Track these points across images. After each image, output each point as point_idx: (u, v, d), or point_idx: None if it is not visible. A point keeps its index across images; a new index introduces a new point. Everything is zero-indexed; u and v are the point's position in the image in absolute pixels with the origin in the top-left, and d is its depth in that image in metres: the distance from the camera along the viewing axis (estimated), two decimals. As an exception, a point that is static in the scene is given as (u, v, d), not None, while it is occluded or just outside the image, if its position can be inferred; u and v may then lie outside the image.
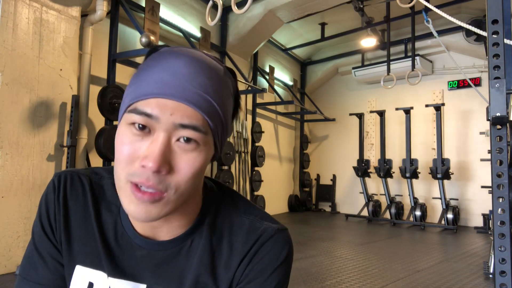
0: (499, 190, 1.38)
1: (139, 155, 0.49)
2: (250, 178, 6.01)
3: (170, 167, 0.49)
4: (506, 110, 1.30)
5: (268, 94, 6.59)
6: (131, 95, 0.51)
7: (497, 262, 1.37)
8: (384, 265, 3.44)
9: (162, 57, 0.52)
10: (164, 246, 0.59)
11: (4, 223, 2.79)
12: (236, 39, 5.45)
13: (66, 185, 0.61)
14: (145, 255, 0.59)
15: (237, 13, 2.98)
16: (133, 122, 0.50)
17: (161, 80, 0.49)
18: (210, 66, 0.53)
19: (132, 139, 0.50)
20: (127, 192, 0.50)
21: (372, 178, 6.94)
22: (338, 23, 6.61)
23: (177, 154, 0.50)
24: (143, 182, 0.48)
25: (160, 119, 0.48)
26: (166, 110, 0.48)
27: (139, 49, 3.68)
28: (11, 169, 2.83)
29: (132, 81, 0.53)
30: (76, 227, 0.60)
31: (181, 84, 0.49)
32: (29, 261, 0.61)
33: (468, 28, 1.82)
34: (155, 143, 0.48)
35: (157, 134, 0.49)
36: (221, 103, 0.53)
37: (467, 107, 6.29)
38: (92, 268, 0.59)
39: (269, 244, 0.59)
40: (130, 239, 0.60)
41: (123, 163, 0.50)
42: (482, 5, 5.33)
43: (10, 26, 2.84)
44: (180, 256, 0.59)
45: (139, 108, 0.49)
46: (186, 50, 0.54)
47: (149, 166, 0.47)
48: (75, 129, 3.28)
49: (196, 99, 0.49)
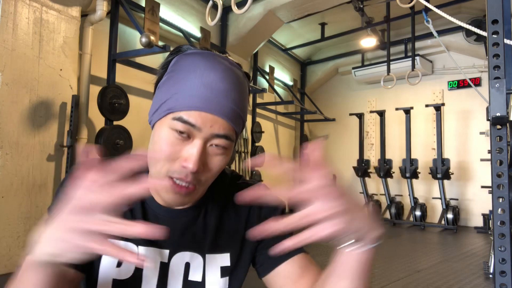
0: (499, 190, 1.38)
1: (179, 156, 0.59)
2: (250, 178, 6.00)
3: (203, 166, 0.61)
4: (506, 110, 1.29)
5: (268, 94, 6.59)
6: (173, 103, 0.60)
7: (497, 262, 1.37)
8: (384, 265, 3.44)
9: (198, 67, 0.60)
10: (185, 212, 0.69)
11: (4, 223, 2.78)
12: (236, 39, 5.45)
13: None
14: (168, 224, 0.66)
15: (237, 13, 2.98)
16: (176, 128, 0.59)
17: (203, 95, 0.59)
18: (238, 77, 0.63)
19: (174, 142, 0.59)
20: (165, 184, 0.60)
21: (372, 178, 6.94)
22: (338, 23, 6.60)
23: (210, 156, 0.61)
24: (182, 178, 0.59)
25: (202, 129, 0.59)
26: (207, 123, 0.59)
27: (139, 49, 3.68)
28: (11, 169, 2.83)
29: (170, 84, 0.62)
30: None
31: (218, 101, 0.59)
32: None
33: (468, 28, 1.82)
34: (195, 148, 0.59)
35: (196, 140, 0.59)
36: (244, 111, 0.65)
37: (467, 107, 6.29)
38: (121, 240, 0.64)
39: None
40: (154, 211, 0.68)
41: (164, 160, 0.60)
42: (482, 5, 5.33)
43: (10, 26, 2.84)
44: (199, 220, 0.70)
45: (184, 117, 0.59)
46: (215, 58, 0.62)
47: (189, 167, 0.58)
48: (75, 129, 3.28)
49: (230, 113, 0.60)
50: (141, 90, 4.32)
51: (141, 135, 4.13)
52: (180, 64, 0.62)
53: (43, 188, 3.05)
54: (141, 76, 4.23)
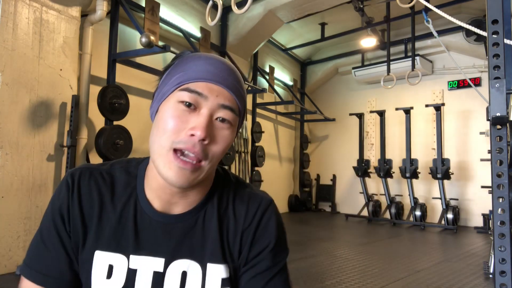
0: (499, 190, 1.38)
1: (185, 127, 0.59)
2: (250, 178, 6.01)
3: (211, 138, 0.60)
4: (506, 110, 1.29)
5: (268, 94, 6.59)
6: (180, 78, 0.62)
7: (497, 262, 1.37)
8: (384, 265, 3.44)
9: (202, 56, 0.64)
10: (182, 218, 0.66)
11: (4, 223, 2.78)
12: (236, 39, 5.45)
13: (80, 180, 0.66)
14: (164, 230, 0.65)
15: (237, 13, 2.98)
16: (183, 100, 0.60)
17: (208, 70, 0.62)
18: (233, 67, 0.67)
19: (181, 114, 0.59)
20: (169, 158, 0.59)
21: (372, 178, 6.94)
22: (338, 23, 6.61)
23: (216, 129, 0.61)
24: (189, 148, 0.58)
25: (208, 98, 0.60)
26: (213, 92, 0.61)
27: (139, 49, 3.68)
28: (11, 169, 2.83)
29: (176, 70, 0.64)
30: (93, 218, 0.65)
31: (223, 75, 0.62)
32: (35, 252, 0.65)
33: (468, 28, 1.82)
34: (202, 117, 0.59)
35: (203, 110, 0.60)
36: (244, 94, 0.67)
37: (467, 107, 6.29)
38: (110, 251, 0.64)
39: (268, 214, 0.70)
40: (149, 217, 0.66)
41: (170, 132, 0.59)
42: (482, 5, 5.33)
43: (10, 26, 2.84)
44: (197, 226, 0.67)
45: (191, 87, 0.60)
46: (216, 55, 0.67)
47: (197, 134, 0.57)
48: (75, 129, 3.28)
49: (234, 87, 0.63)
50: (141, 90, 4.32)
51: (141, 135, 4.13)
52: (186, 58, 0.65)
53: (43, 188, 3.05)
54: (141, 76, 4.23)
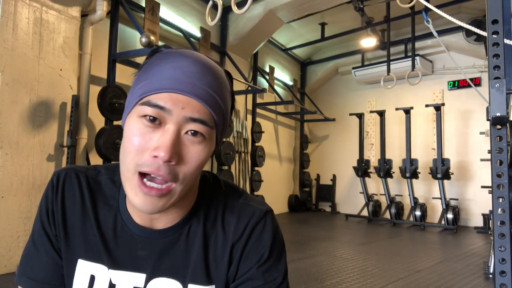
0: (499, 190, 1.38)
1: (149, 146, 0.51)
2: (250, 178, 6.01)
3: (179, 158, 0.52)
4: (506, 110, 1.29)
5: (268, 94, 6.59)
6: (142, 89, 0.53)
7: (497, 262, 1.37)
8: (384, 265, 3.44)
9: (170, 56, 0.55)
10: (164, 233, 0.61)
11: (4, 223, 2.78)
12: (236, 39, 5.45)
13: (65, 183, 0.63)
14: (145, 245, 0.61)
15: (237, 13, 2.98)
16: (145, 114, 0.52)
17: (173, 76, 0.52)
18: (214, 67, 0.57)
19: (143, 131, 0.52)
20: (134, 183, 0.52)
21: (372, 178, 6.94)
22: (338, 23, 6.61)
23: (186, 146, 0.53)
24: (154, 171, 0.51)
25: (172, 112, 0.51)
26: (178, 104, 0.51)
27: (139, 49, 3.68)
28: (11, 169, 2.83)
29: (141, 77, 0.55)
30: (75, 223, 0.62)
31: (191, 81, 0.52)
32: (27, 258, 0.63)
33: (468, 28, 1.82)
34: (166, 135, 0.51)
35: (168, 126, 0.52)
36: (223, 100, 0.56)
37: (467, 107, 6.29)
38: (93, 261, 0.61)
39: (260, 227, 0.62)
40: (130, 231, 0.61)
41: (133, 153, 0.52)
42: (482, 5, 5.33)
43: (10, 26, 2.84)
44: (179, 242, 0.61)
45: (152, 101, 0.52)
46: (190, 51, 0.57)
47: (161, 156, 0.50)
48: (75, 129, 3.28)
49: (204, 95, 0.53)
50: (141, 90, 4.31)
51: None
52: (153, 60, 0.57)
53: (43, 188, 3.04)
54: (141, 76, 4.22)
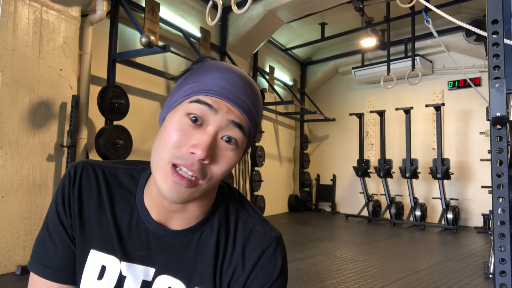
0: (499, 190, 1.38)
1: (187, 142, 0.55)
2: (250, 178, 6.01)
3: (212, 158, 0.56)
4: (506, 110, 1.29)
5: (268, 94, 6.59)
6: (192, 89, 0.58)
7: (497, 262, 1.37)
8: (384, 265, 3.44)
9: (219, 67, 0.61)
10: (177, 235, 0.64)
11: (4, 223, 2.78)
12: (236, 39, 5.45)
13: (82, 175, 0.66)
14: (158, 242, 0.64)
15: (237, 13, 2.98)
16: (190, 112, 0.56)
17: (221, 85, 0.58)
18: (254, 85, 0.63)
19: (185, 127, 0.56)
20: (166, 171, 0.56)
21: (372, 178, 6.94)
22: (338, 23, 6.61)
23: (220, 149, 0.57)
24: (188, 165, 0.55)
25: (218, 112, 0.56)
26: (223, 108, 0.57)
27: (139, 49, 3.68)
28: (11, 169, 2.83)
29: (190, 79, 0.60)
30: (90, 214, 0.65)
31: (236, 93, 0.58)
32: (41, 245, 0.65)
33: (468, 28, 1.82)
34: (206, 135, 0.55)
35: (209, 128, 0.56)
36: (258, 115, 0.62)
37: (467, 107, 6.29)
38: (105, 252, 0.63)
39: (269, 252, 0.65)
40: (144, 225, 0.64)
41: (170, 145, 0.56)
42: (482, 5, 5.33)
43: (10, 26, 2.84)
44: (191, 246, 0.64)
45: (201, 99, 0.57)
46: (235, 66, 0.63)
47: (197, 154, 0.54)
48: (75, 129, 3.28)
49: (245, 107, 0.59)
50: (141, 90, 4.32)
51: (141, 135, 4.13)
52: (200, 67, 0.62)
53: (43, 188, 3.05)
54: (141, 76, 4.23)
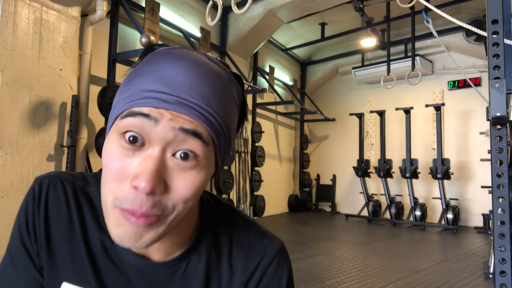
0: (499, 190, 1.38)
1: (129, 174, 0.42)
2: (250, 178, 6.01)
3: (165, 186, 0.43)
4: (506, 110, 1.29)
5: (268, 94, 6.59)
6: (125, 101, 0.44)
7: (497, 262, 1.37)
8: (384, 265, 3.44)
9: (158, 61, 0.45)
10: (158, 268, 0.53)
11: (4, 223, 2.78)
12: (236, 39, 5.45)
13: (49, 192, 0.53)
14: (137, 274, 0.53)
15: (237, 13, 2.98)
16: (125, 130, 0.43)
17: (156, 89, 0.42)
18: (213, 73, 0.46)
19: (122, 154, 0.43)
20: (115, 216, 0.43)
21: (372, 178, 6.94)
22: (338, 23, 6.61)
23: (174, 172, 0.43)
24: (136, 208, 0.41)
25: (159, 121, 0.41)
26: (166, 114, 0.42)
27: (139, 49, 3.68)
28: (11, 169, 2.83)
29: (124, 88, 0.46)
30: (60, 240, 0.53)
31: (178, 95, 0.42)
32: (2, 277, 0.54)
33: (468, 28, 1.82)
34: (149, 159, 0.42)
35: (151, 148, 0.42)
36: (225, 116, 0.46)
37: (467, 107, 6.29)
38: (80, 286, 0.53)
39: (272, 269, 0.56)
40: (120, 255, 0.53)
41: (110, 183, 0.43)
42: (482, 5, 5.33)
43: (10, 26, 2.84)
44: (175, 278, 0.54)
45: (134, 110, 0.42)
46: (186, 52, 0.47)
47: (141, 187, 0.40)
48: (75, 129, 3.28)
49: (195, 109, 0.43)
50: (141, 90, 4.32)
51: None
52: (142, 63, 0.47)
53: (43, 188, 3.05)
54: (141, 76, 4.23)
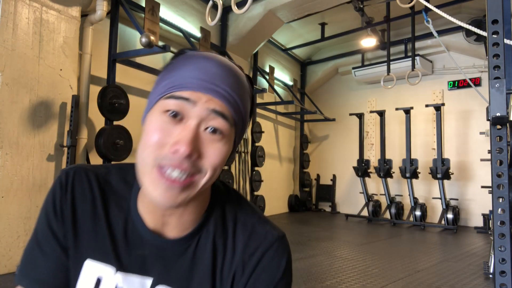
0: (499, 190, 1.38)
1: (169, 141, 0.52)
2: (250, 178, 6.01)
3: (199, 154, 0.52)
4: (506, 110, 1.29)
5: (268, 94, 6.59)
6: (166, 86, 0.55)
7: (497, 262, 1.37)
8: (384, 265, 3.44)
9: (194, 58, 0.57)
10: (172, 244, 0.61)
11: (4, 223, 2.78)
12: (236, 39, 5.45)
13: (75, 181, 0.62)
14: (153, 251, 0.61)
15: (237, 13, 2.98)
16: (168, 109, 0.53)
17: (197, 77, 0.54)
18: (236, 70, 0.58)
19: (164, 126, 0.53)
20: (153, 177, 0.52)
21: (372, 178, 6.94)
22: (338, 23, 6.61)
23: (205, 142, 0.53)
24: (175, 165, 0.51)
25: (196, 103, 0.52)
26: (201, 98, 0.53)
27: (139, 49, 3.68)
28: (11, 169, 2.83)
29: (165, 76, 0.57)
30: (85, 222, 0.61)
31: (213, 82, 0.54)
32: (30, 257, 0.61)
33: (468, 28, 1.82)
34: (187, 129, 0.52)
35: (189, 121, 0.53)
36: (243, 102, 0.58)
37: (467, 107, 6.29)
38: (101, 262, 0.60)
39: (270, 254, 0.62)
40: (139, 234, 0.61)
41: (152, 147, 0.52)
42: (482, 5, 5.33)
43: (10, 26, 2.84)
44: (187, 254, 0.61)
45: (176, 94, 0.53)
46: (213, 54, 0.58)
47: (181, 151, 0.50)
48: (75, 129, 3.28)
49: (225, 95, 0.54)
50: (141, 90, 4.32)
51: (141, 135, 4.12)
52: (178, 60, 0.58)
53: (43, 188, 3.04)
54: (141, 76, 4.23)
